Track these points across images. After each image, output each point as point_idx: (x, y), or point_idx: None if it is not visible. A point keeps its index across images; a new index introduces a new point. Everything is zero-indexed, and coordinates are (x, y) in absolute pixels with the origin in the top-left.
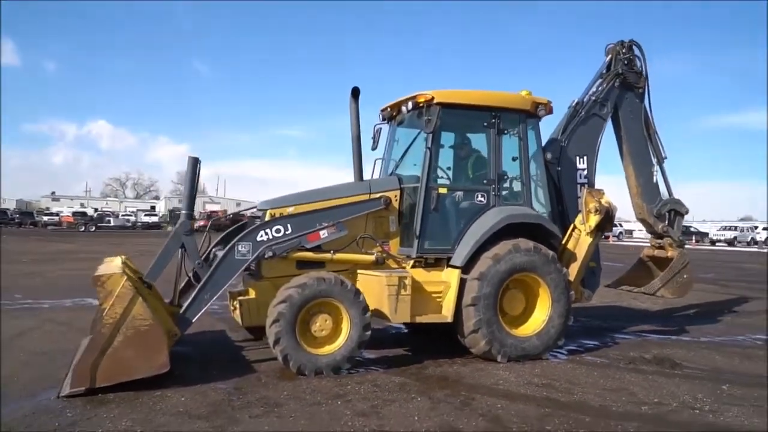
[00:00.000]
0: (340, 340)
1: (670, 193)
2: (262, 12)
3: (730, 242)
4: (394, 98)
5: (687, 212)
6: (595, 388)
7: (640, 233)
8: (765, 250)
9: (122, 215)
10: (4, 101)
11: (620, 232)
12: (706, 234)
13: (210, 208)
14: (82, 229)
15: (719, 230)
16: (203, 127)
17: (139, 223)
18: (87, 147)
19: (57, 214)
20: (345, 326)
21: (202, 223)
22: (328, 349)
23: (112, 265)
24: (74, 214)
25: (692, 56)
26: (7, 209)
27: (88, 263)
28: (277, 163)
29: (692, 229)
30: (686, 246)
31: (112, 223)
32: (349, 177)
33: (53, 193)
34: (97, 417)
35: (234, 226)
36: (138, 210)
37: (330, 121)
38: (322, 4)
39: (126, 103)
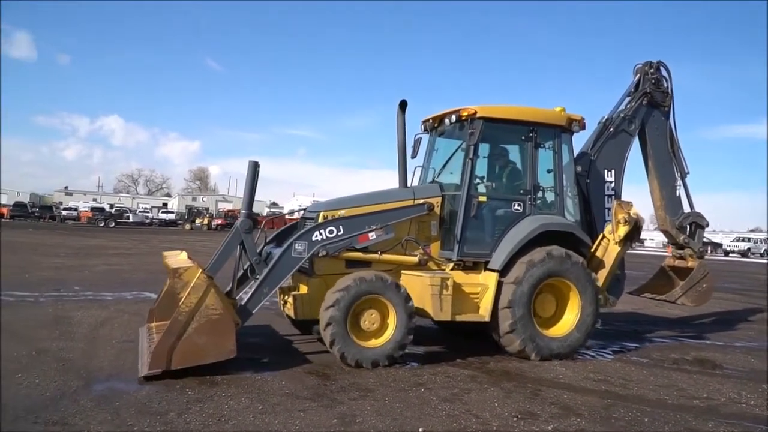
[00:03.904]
0: (388, 333)
1: (691, 207)
2: (274, 10)
3: (744, 253)
4: (405, 98)
5: (707, 225)
6: (648, 384)
7: (651, 242)
8: None
9: (139, 212)
10: (20, 94)
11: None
12: (720, 245)
13: (222, 206)
14: (102, 224)
15: (733, 241)
16: (214, 124)
17: (156, 220)
18: (99, 141)
19: (75, 209)
20: (392, 321)
21: (220, 221)
22: (377, 342)
23: (182, 258)
24: (92, 209)
25: (701, 65)
26: (26, 203)
27: (126, 258)
28: (286, 162)
29: (705, 240)
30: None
31: (131, 219)
32: (357, 178)
33: (66, 187)
34: (217, 396)
35: (285, 226)
36: (152, 207)
37: (340, 121)
38: (334, 5)
39: (138, 98)
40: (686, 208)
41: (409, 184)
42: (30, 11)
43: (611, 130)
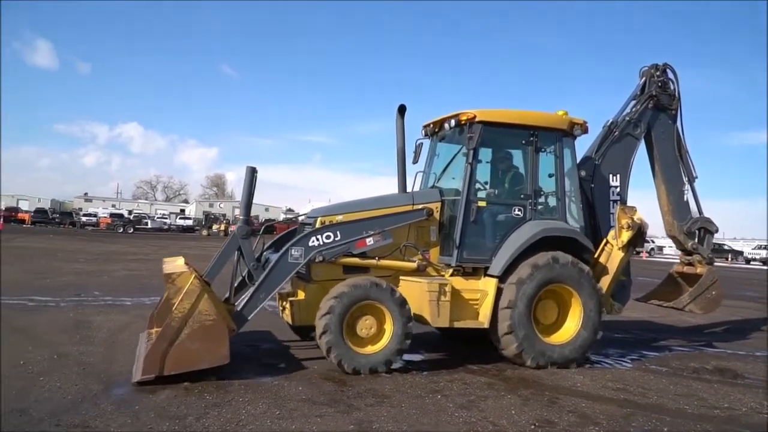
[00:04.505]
0: (385, 339)
1: (700, 212)
2: (290, 17)
3: (765, 261)
4: (414, 102)
5: (717, 230)
6: (667, 393)
7: (671, 249)
8: None
9: (157, 218)
10: (41, 102)
11: (651, 249)
12: (741, 252)
13: (239, 213)
14: (120, 230)
15: (754, 249)
16: (230, 131)
17: (174, 226)
18: (118, 148)
19: (95, 215)
20: (388, 326)
21: (232, 228)
22: (373, 348)
23: (178, 264)
24: (111, 215)
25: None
26: (47, 209)
27: (145, 264)
28: (301, 168)
29: (726, 247)
30: (723, 264)
31: (149, 225)
32: (371, 184)
33: (86, 194)
34: (235, 401)
35: (284, 231)
36: (170, 213)
37: (355, 127)
38: (351, 11)
39: (157, 105)
40: (695, 214)
41: (410, 190)
42: (51, 19)
43: (616, 133)
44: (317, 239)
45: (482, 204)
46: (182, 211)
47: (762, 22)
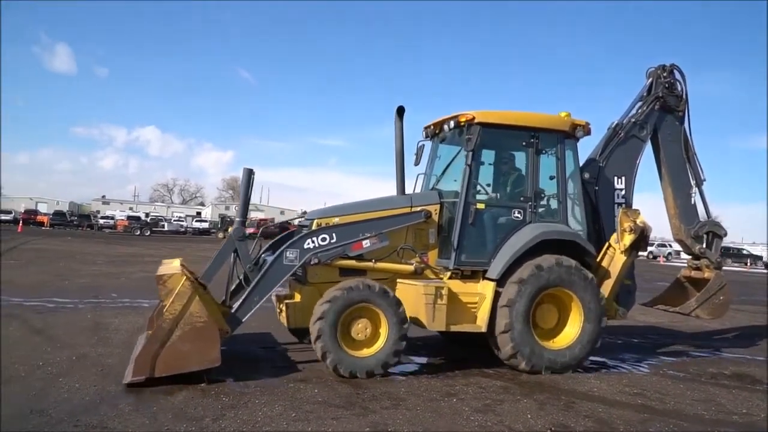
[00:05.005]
0: (381, 341)
1: (708, 215)
2: (308, 21)
3: None
4: (433, 107)
5: (725, 234)
6: (685, 399)
7: None
8: None
9: (174, 221)
10: (60, 106)
11: (669, 253)
12: (760, 257)
13: (254, 215)
14: (138, 233)
15: None
16: (246, 134)
17: (190, 229)
18: (135, 152)
19: (112, 218)
20: (383, 328)
21: (252, 230)
22: (369, 351)
23: (172, 266)
24: (129, 218)
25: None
26: (65, 211)
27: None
28: (317, 171)
29: (745, 252)
30: (742, 269)
31: (166, 228)
32: (386, 187)
33: (104, 196)
34: (251, 402)
35: (283, 233)
36: (186, 216)
37: (372, 131)
38: (367, 16)
39: (174, 109)
40: (704, 217)
41: (412, 191)
42: (69, 23)
43: (621, 135)
44: (313, 241)
45: (481, 206)
46: (198, 213)
47: None
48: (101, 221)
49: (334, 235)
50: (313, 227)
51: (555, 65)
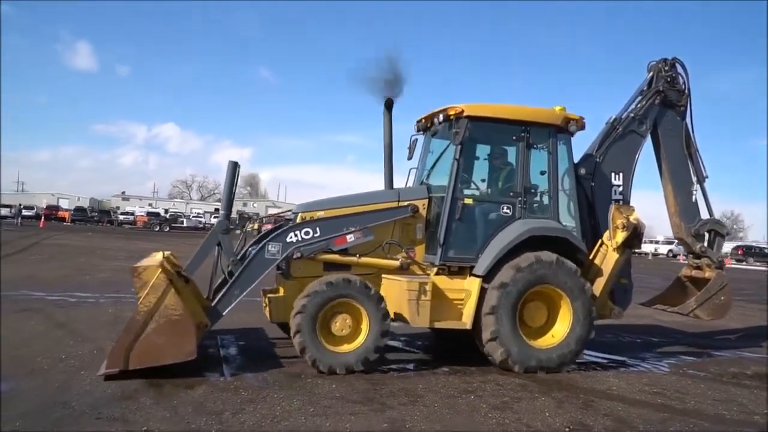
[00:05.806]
0: (361, 337)
1: (710, 214)
2: (327, 20)
3: None
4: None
5: (728, 233)
6: (705, 398)
7: None
8: None
9: (192, 217)
10: (82, 103)
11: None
12: None
13: (271, 212)
14: (157, 228)
15: None
16: (264, 131)
17: (209, 225)
18: (155, 148)
19: (132, 214)
20: (365, 324)
21: (269, 226)
22: (349, 347)
23: (153, 258)
24: (148, 214)
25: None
26: (86, 207)
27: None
28: (334, 168)
29: (757, 250)
30: (764, 268)
31: (184, 224)
32: (399, 184)
33: (123, 192)
34: (270, 397)
35: (272, 227)
36: (205, 212)
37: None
38: (384, 14)
39: (193, 106)
40: (705, 215)
41: (404, 185)
42: (90, 21)
43: (620, 130)
44: (296, 235)
45: (469, 201)
46: (216, 210)
47: None
48: (121, 217)
49: (317, 228)
50: (297, 220)
51: (555, 65)
